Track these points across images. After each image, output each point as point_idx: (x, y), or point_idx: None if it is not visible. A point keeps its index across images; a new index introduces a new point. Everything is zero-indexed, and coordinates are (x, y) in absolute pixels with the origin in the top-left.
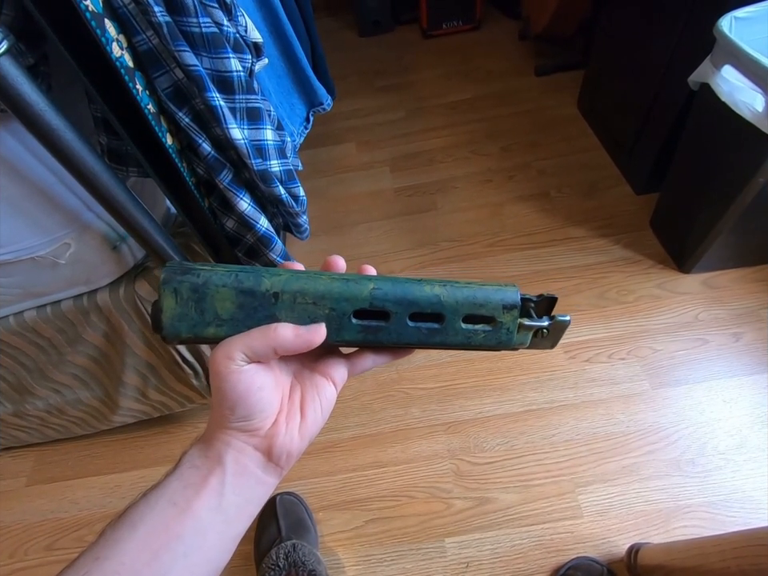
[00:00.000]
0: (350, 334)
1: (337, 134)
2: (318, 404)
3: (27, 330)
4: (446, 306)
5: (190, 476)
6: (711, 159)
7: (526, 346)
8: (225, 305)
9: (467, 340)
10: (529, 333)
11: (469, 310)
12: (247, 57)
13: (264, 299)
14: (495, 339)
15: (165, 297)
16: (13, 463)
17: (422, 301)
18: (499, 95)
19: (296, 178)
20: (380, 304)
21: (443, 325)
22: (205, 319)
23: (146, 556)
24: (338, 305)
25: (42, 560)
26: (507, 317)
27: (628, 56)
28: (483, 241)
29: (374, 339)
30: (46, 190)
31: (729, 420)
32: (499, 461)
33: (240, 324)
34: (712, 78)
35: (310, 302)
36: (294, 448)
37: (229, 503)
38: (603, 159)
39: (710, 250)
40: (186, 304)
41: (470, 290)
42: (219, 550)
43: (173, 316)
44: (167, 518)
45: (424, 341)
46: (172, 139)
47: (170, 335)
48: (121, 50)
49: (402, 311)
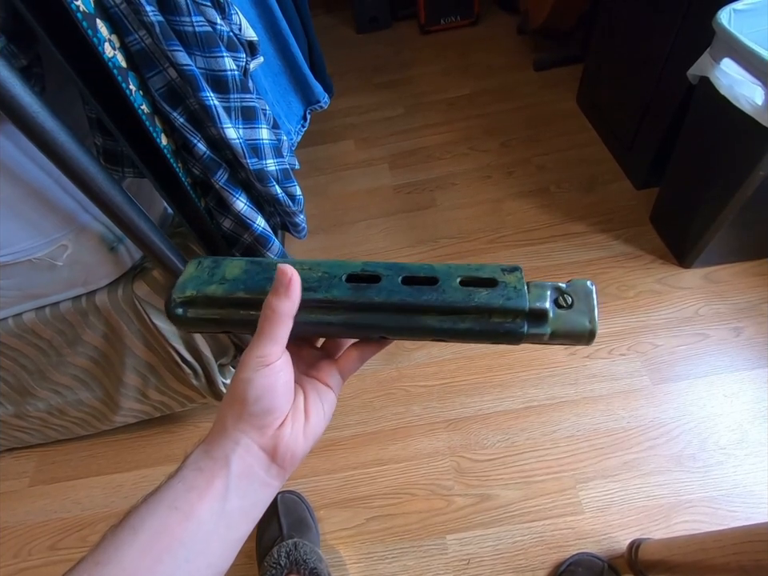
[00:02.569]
0: (339, 291)
1: (335, 132)
2: (320, 406)
3: (26, 332)
4: (439, 270)
5: (194, 479)
6: (711, 153)
7: (551, 316)
8: (233, 270)
9: (469, 297)
10: (545, 294)
11: (464, 272)
12: (241, 55)
13: (268, 267)
14: (503, 297)
15: (189, 266)
16: (16, 464)
17: (413, 267)
18: (498, 90)
19: (292, 177)
20: (371, 269)
21: (437, 285)
22: (212, 280)
23: (147, 561)
24: (331, 269)
25: (45, 560)
26: (509, 277)
27: (627, 50)
28: (483, 237)
29: (364, 297)
30: (41, 191)
31: (730, 415)
32: (500, 457)
33: (239, 283)
34: (711, 72)
35: (307, 267)
36: (299, 449)
37: (232, 507)
38: (603, 154)
39: (711, 245)
40: (203, 270)
41: (463, 264)
42: (222, 555)
43: (187, 278)
44: (169, 522)
45: (417, 298)
46: (167, 139)
47: (178, 292)
48: (113, 50)
49: (394, 274)
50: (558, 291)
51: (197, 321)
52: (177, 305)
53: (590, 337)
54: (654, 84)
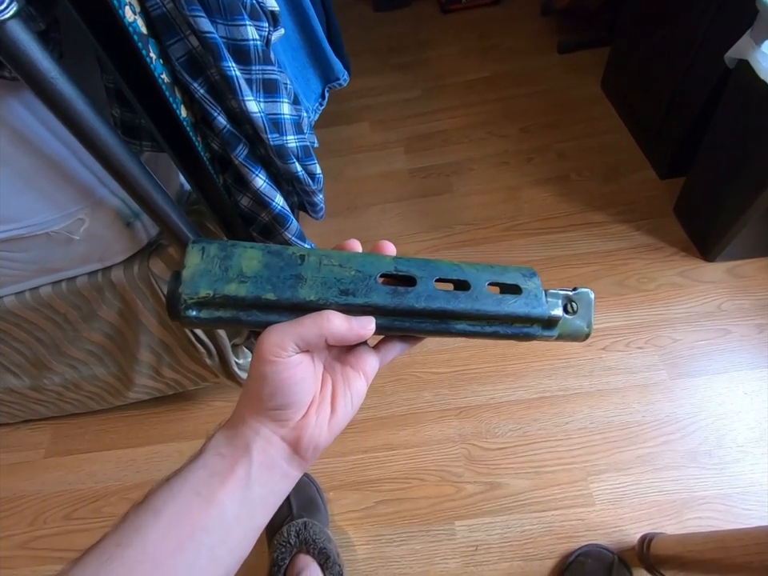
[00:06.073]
0: (379, 296)
1: (350, 113)
2: (348, 398)
3: (43, 306)
4: (468, 272)
5: (216, 464)
6: (745, 141)
7: (560, 322)
8: (251, 263)
9: (500, 306)
10: (558, 303)
11: (491, 276)
12: (264, 25)
13: (290, 259)
14: (528, 306)
15: (191, 254)
16: (32, 435)
17: (443, 267)
18: (519, 74)
19: (313, 155)
20: (404, 269)
21: (471, 290)
22: (228, 276)
23: (169, 546)
24: (364, 267)
25: (60, 528)
26: (530, 284)
27: (657, 32)
28: (499, 225)
29: (404, 304)
30: (58, 163)
31: (749, 412)
32: (511, 447)
33: (264, 281)
34: (752, 54)
35: (336, 264)
36: (322, 441)
37: (254, 495)
38: (626, 142)
39: (737, 238)
40: (211, 261)
41: (484, 264)
42: (242, 541)
43: (195, 272)
44: (192, 507)
45: (455, 306)
46: (186, 112)
47: (189, 291)
48: (134, 14)
49: (427, 276)
50: (567, 299)
51: (208, 321)
52: (188, 306)
53: (586, 338)
54: (686, 69)
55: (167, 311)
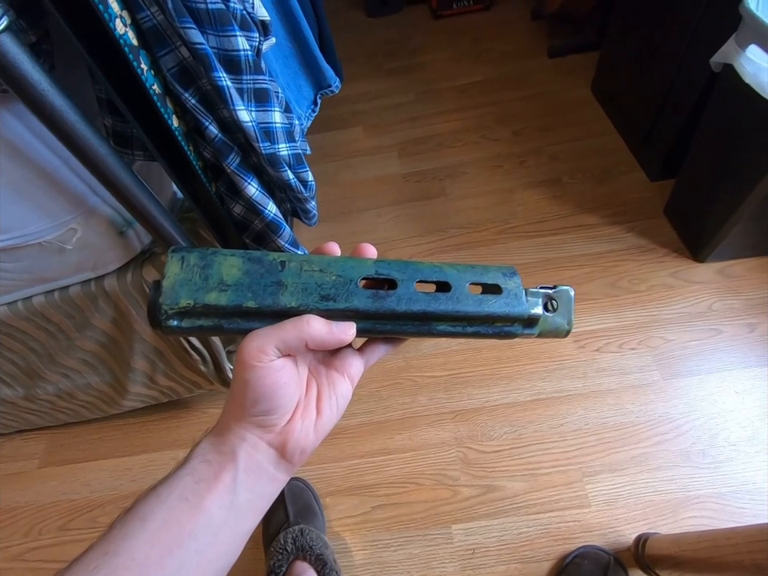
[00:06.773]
0: (359, 300)
1: (344, 118)
2: (333, 401)
3: (36, 315)
4: (449, 273)
5: (202, 471)
6: (732, 144)
7: (540, 319)
8: (231, 271)
9: (480, 306)
10: (538, 301)
11: (471, 277)
12: (254, 35)
13: (271, 266)
14: (508, 305)
15: (170, 264)
16: (25, 446)
17: (424, 269)
18: (511, 78)
19: (305, 162)
20: (385, 272)
21: (451, 291)
22: (208, 284)
23: (157, 552)
24: (344, 272)
25: (56, 539)
26: (511, 283)
27: (646, 36)
28: (493, 228)
29: (385, 308)
30: (50, 173)
31: (741, 411)
32: (507, 449)
33: (245, 289)
34: (736, 59)
35: (317, 269)
36: (309, 445)
37: (241, 500)
38: (617, 144)
39: (727, 239)
40: (191, 270)
41: (465, 264)
42: (231, 546)
43: (175, 282)
44: (179, 513)
45: (435, 308)
46: (178, 121)
47: (169, 301)
48: (125, 26)
49: (408, 278)
50: (547, 297)
51: (190, 330)
52: (169, 316)
53: (567, 335)
54: (674, 73)
55: (149, 321)
